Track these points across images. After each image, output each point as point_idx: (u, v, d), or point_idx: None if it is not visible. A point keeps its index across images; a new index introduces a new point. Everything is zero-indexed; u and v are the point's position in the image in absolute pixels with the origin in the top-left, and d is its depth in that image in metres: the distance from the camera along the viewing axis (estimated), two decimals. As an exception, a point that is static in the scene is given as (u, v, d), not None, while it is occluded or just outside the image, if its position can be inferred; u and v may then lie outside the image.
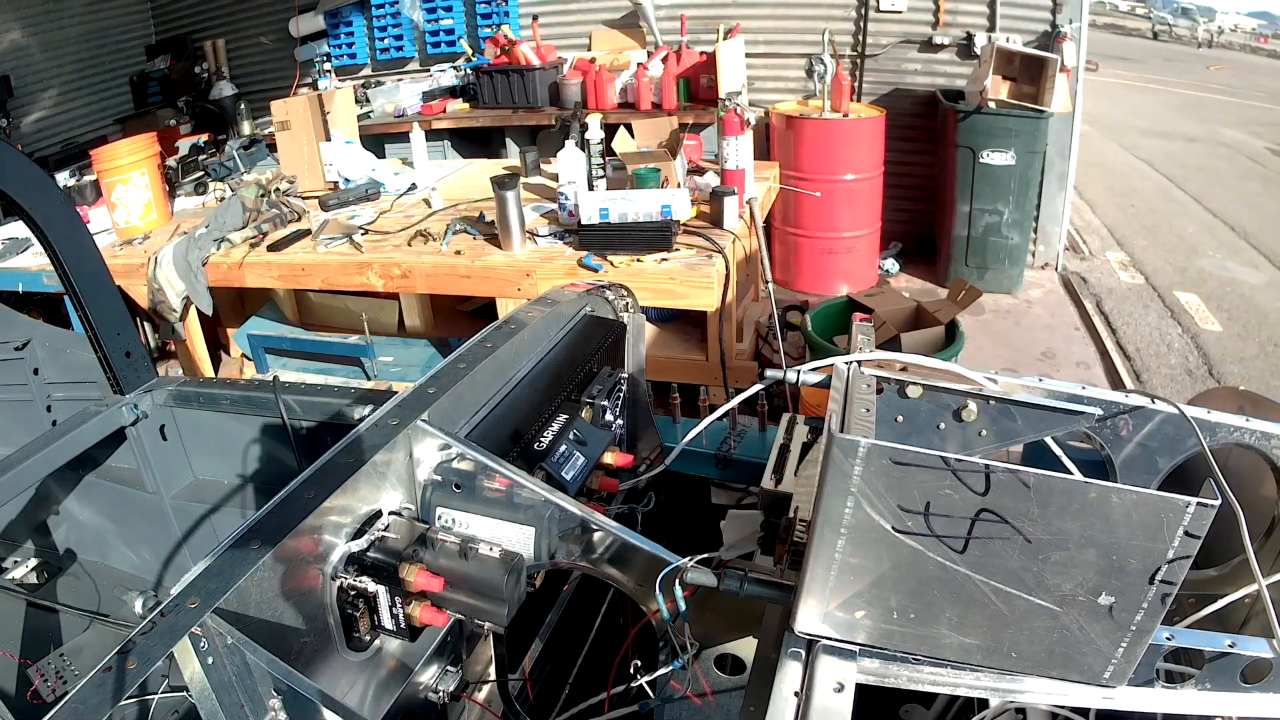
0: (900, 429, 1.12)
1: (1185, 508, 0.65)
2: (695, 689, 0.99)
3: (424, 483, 1.01)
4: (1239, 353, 4.47)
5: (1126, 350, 4.51)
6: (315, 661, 0.90)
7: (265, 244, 3.47)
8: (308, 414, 1.62)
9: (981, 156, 4.62)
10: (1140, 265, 5.79)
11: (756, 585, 0.88)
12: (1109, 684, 0.75)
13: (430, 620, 0.94)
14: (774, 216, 4.84)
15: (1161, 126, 10.92)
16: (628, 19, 5.46)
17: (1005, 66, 4.56)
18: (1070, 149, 4.96)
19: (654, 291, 2.98)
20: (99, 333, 1.62)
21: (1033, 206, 4.87)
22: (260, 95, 6.02)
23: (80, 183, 4.16)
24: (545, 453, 1.11)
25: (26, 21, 5.87)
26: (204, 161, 4.42)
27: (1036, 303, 4.94)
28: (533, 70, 5.22)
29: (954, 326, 3.25)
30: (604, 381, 1.31)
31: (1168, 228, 6.70)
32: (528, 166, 4.09)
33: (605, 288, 1.47)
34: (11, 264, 3.65)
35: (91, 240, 1.61)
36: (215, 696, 0.75)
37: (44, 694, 1.79)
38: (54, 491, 1.82)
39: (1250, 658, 0.83)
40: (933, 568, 0.73)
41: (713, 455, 1.61)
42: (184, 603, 0.75)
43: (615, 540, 0.97)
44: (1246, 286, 5.37)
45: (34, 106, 6.02)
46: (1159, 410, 1.11)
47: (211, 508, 1.75)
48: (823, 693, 0.75)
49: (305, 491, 0.88)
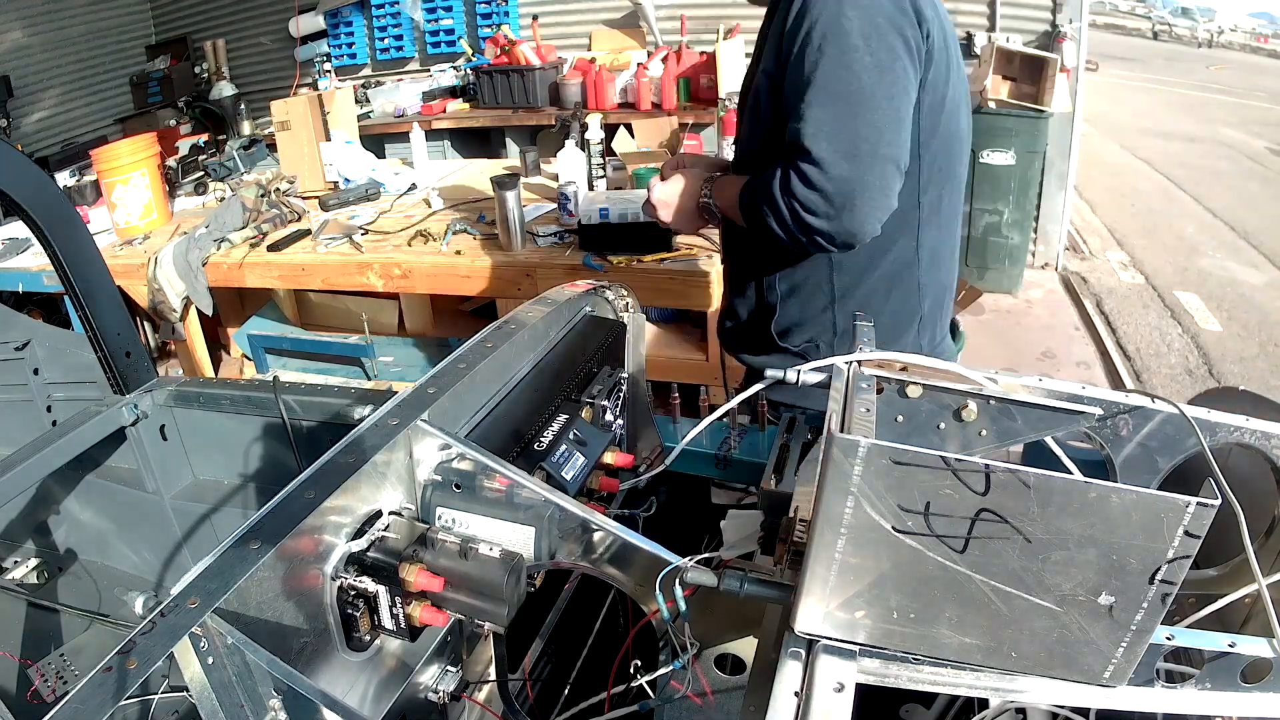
0: (900, 429, 1.12)
1: (1185, 507, 0.65)
2: (695, 689, 0.99)
3: (424, 483, 1.01)
4: (1239, 353, 4.47)
5: (1126, 350, 4.51)
6: (315, 661, 0.90)
7: (265, 244, 3.47)
8: (308, 414, 1.62)
9: (981, 156, 4.62)
10: (1140, 265, 5.79)
11: (756, 585, 0.88)
12: (1109, 684, 0.75)
13: (430, 620, 0.94)
14: (774, 216, 4.84)
15: (1162, 126, 10.93)
16: (628, 19, 5.46)
17: (1005, 66, 4.57)
18: (1070, 149, 4.96)
19: (654, 291, 2.98)
20: (99, 333, 1.62)
21: (1033, 206, 4.87)
22: (260, 95, 6.03)
23: (80, 183, 4.16)
24: (545, 453, 1.11)
25: (26, 21, 5.88)
26: (204, 161, 4.41)
27: (1036, 303, 4.94)
28: (533, 70, 5.22)
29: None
30: (604, 381, 1.31)
31: (1168, 228, 6.70)
32: (528, 166, 4.09)
33: (605, 288, 1.47)
34: (11, 264, 3.64)
35: (91, 240, 1.61)
36: (215, 696, 0.75)
37: (44, 694, 1.79)
38: (54, 491, 1.82)
39: (1250, 658, 0.83)
40: (933, 567, 0.73)
41: (713, 455, 1.61)
42: (184, 603, 0.75)
43: (615, 540, 0.97)
44: (1246, 286, 5.37)
45: (34, 106, 6.02)
46: (1159, 410, 1.11)
47: (211, 508, 1.75)
48: (823, 693, 0.75)
49: (305, 491, 0.88)
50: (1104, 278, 5.45)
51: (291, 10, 6.02)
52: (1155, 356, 4.46)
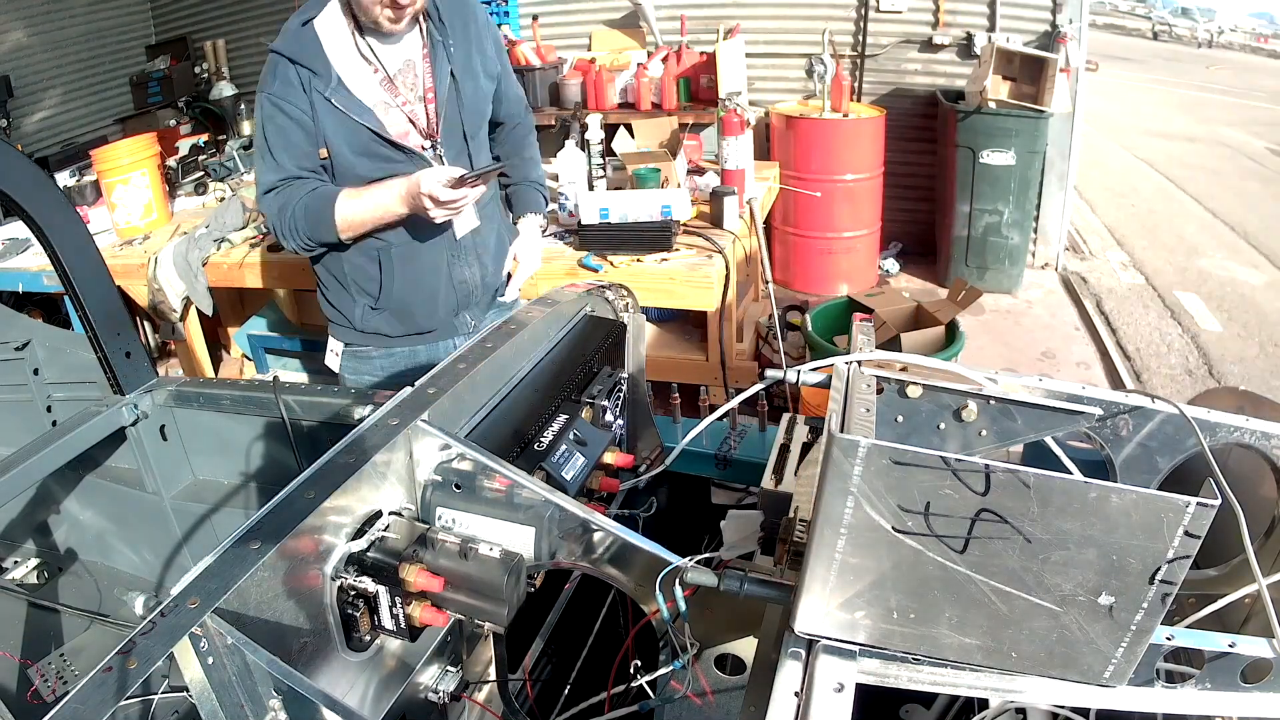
0: (900, 429, 1.12)
1: (1185, 507, 0.65)
2: (695, 689, 0.99)
3: (424, 483, 1.01)
4: (1239, 353, 4.47)
5: (1126, 350, 4.51)
6: (315, 661, 0.90)
7: (265, 244, 3.47)
8: (308, 414, 1.62)
9: (981, 156, 4.62)
10: (1140, 265, 5.79)
11: (756, 585, 0.88)
12: (1109, 684, 0.75)
13: (430, 620, 0.94)
14: (774, 216, 4.84)
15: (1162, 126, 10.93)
16: (628, 19, 5.46)
17: (1005, 66, 4.56)
18: (1070, 149, 4.96)
19: (654, 291, 2.99)
20: (99, 333, 1.62)
21: (1033, 206, 4.87)
22: (260, 95, 6.01)
23: (80, 183, 4.15)
24: (545, 453, 1.11)
25: (27, 21, 5.87)
26: (204, 162, 4.41)
27: (1036, 303, 4.94)
28: (533, 70, 5.22)
29: (954, 326, 3.25)
30: (604, 381, 1.31)
31: (1168, 228, 6.70)
32: (528, 166, 4.08)
33: (605, 288, 1.47)
34: (11, 264, 3.64)
35: (91, 240, 1.61)
36: (215, 696, 0.75)
37: (44, 694, 1.79)
38: (54, 491, 1.82)
39: (1250, 658, 0.84)
40: (933, 568, 0.73)
41: (713, 455, 1.61)
42: (184, 603, 0.75)
43: (615, 540, 0.97)
44: (1246, 286, 5.37)
45: (34, 106, 6.01)
46: (1159, 410, 1.11)
47: (211, 508, 1.75)
48: (823, 693, 0.75)
49: (305, 491, 0.88)
50: (1104, 278, 5.45)
51: (291, 10, 6.02)
52: (1155, 356, 4.46)
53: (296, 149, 1.85)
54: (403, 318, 2.03)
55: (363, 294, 2.01)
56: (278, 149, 1.85)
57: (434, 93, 1.93)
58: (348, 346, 2.09)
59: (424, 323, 2.05)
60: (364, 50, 1.86)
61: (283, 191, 1.86)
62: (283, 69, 1.82)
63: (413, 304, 2.02)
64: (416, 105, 1.93)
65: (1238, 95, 13.81)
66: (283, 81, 1.81)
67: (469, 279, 2.06)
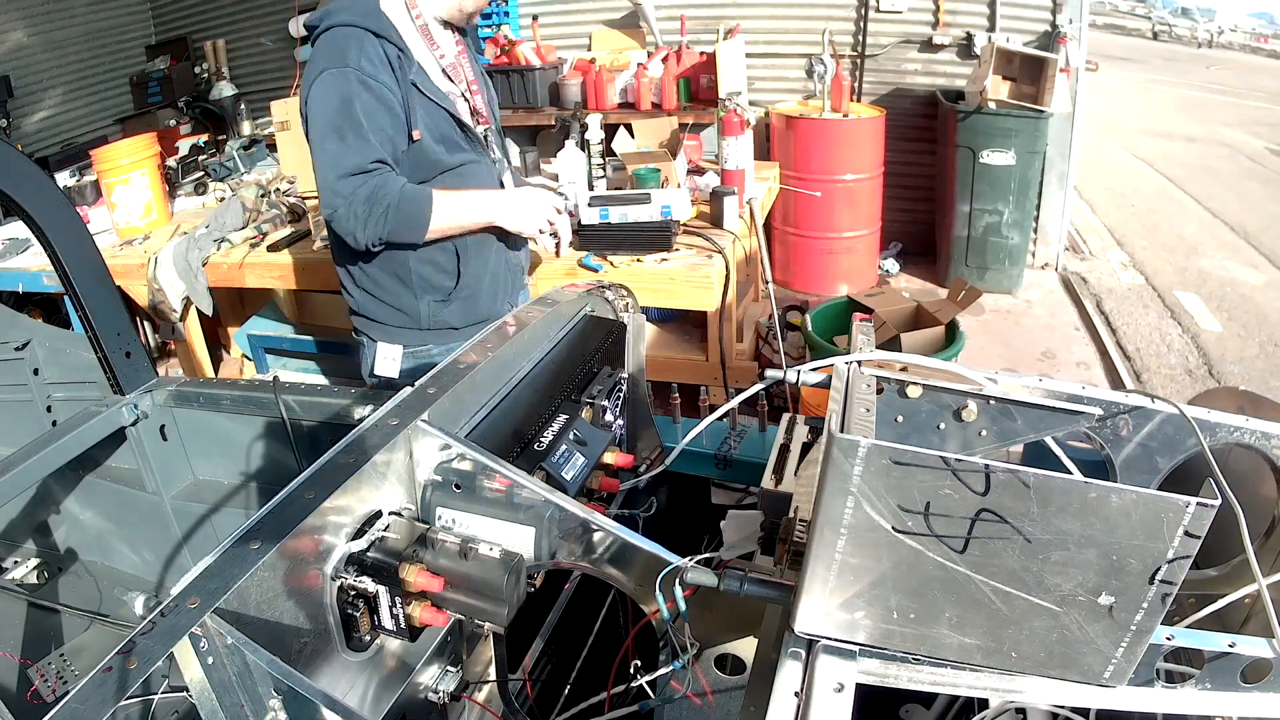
0: (900, 429, 1.12)
1: (1185, 508, 0.65)
2: (695, 689, 0.99)
3: (424, 483, 1.01)
4: (1239, 353, 4.47)
5: (1126, 350, 4.51)
6: (315, 661, 0.90)
7: (265, 244, 3.47)
8: (308, 414, 1.63)
9: (981, 156, 4.62)
10: (1140, 265, 5.79)
11: (756, 585, 0.88)
12: (1109, 684, 0.75)
13: (430, 620, 0.94)
14: (774, 216, 4.84)
15: (1161, 126, 10.93)
16: (628, 19, 5.46)
17: (1005, 66, 4.57)
18: (1070, 149, 4.96)
19: (654, 291, 2.99)
20: (99, 333, 1.62)
21: (1033, 206, 4.87)
22: (260, 95, 6.02)
23: (80, 183, 4.15)
24: (545, 453, 1.11)
25: (27, 22, 5.87)
26: (204, 162, 4.41)
27: (1036, 303, 4.94)
28: (533, 70, 5.22)
29: (954, 326, 3.25)
30: (604, 381, 1.31)
31: (1168, 228, 6.70)
32: (528, 167, 4.09)
33: (605, 288, 1.47)
34: (11, 264, 3.64)
35: (91, 240, 1.61)
36: (215, 696, 0.75)
37: (44, 694, 1.79)
38: (54, 491, 1.82)
39: (1250, 658, 0.84)
40: (933, 568, 0.73)
41: (713, 455, 1.61)
42: (184, 603, 0.75)
43: (615, 540, 0.97)
44: (1246, 286, 5.37)
45: (34, 106, 6.01)
46: (1159, 410, 1.11)
47: (211, 508, 1.75)
48: (823, 693, 0.75)
49: (305, 491, 0.88)
50: (1104, 278, 5.45)
51: (291, 10, 6.02)
52: (1155, 356, 4.46)
53: (383, 132, 1.75)
54: (470, 306, 2.01)
55: (429, 289, 1.96)
56: (369, 129, 1.73)
57: (478, 84, 1.98)
58: (407, 349, 2.02)
59: (485, 308, 2.04)
60: (433, 35, 1.85)
61: (374, 178, 1.75)
62: (370, 45, 1.71)
63: (479, 290, 2.01)
64: (469, 96, 1.94)
65: (1237, 95, 13.81)
66: (370, 58, 1.71)
67: (513, 261, 2.10)
